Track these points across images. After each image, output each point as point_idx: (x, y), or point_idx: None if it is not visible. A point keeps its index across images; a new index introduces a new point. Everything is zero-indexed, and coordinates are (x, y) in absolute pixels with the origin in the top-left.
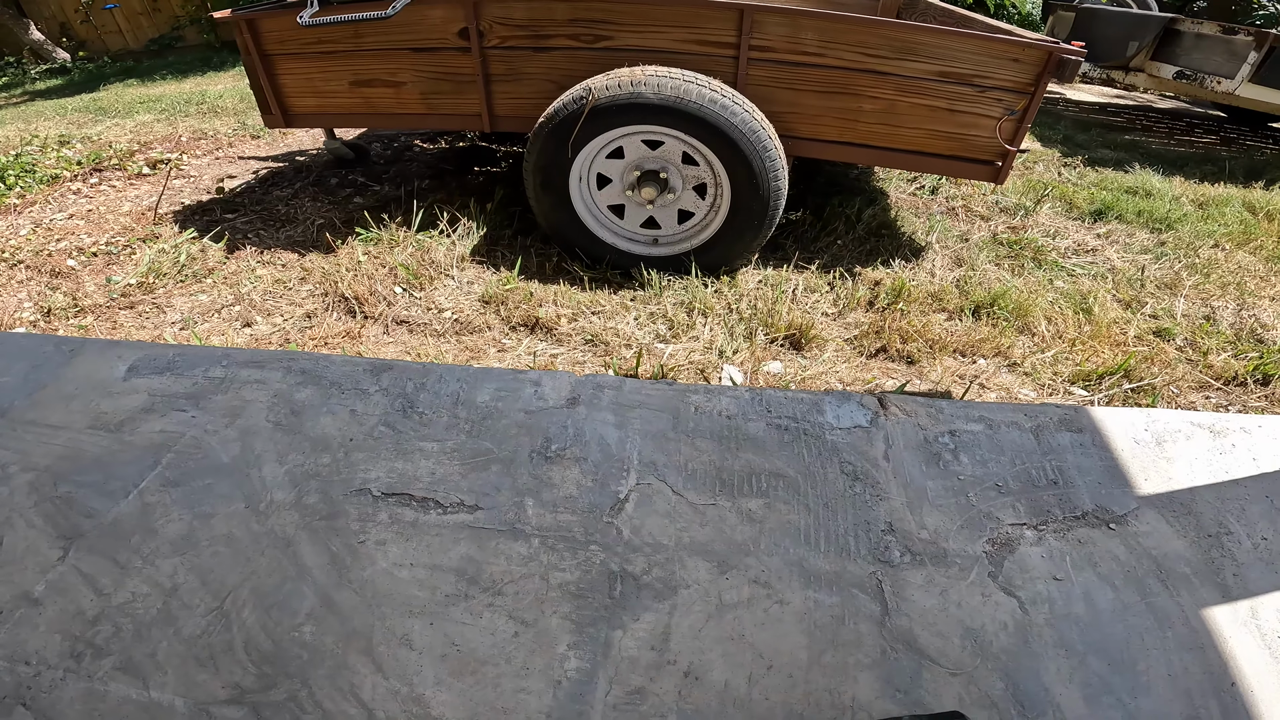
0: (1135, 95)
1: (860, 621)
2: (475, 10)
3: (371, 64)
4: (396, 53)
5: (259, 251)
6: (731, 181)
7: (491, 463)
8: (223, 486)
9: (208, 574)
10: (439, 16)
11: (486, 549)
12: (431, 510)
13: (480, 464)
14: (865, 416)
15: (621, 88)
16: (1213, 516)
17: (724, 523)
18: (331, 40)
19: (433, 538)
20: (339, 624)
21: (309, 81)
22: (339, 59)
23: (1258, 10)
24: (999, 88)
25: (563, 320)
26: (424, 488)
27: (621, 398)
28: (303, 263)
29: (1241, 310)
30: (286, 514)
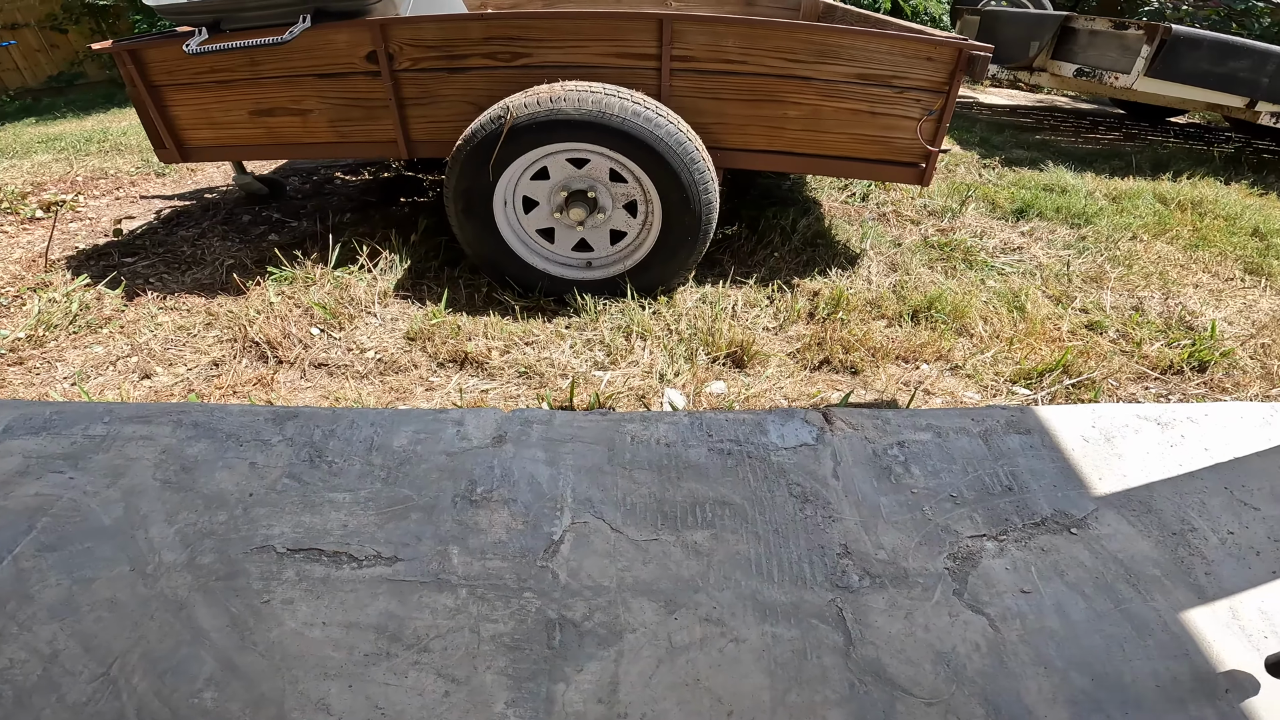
0: (1043, 96)
1: (824, 654)
2: (383, 33)
3: (273, 92)
4: (299, 79)
5: (161, 297)
6: (661, 197)
7: (411, 510)
8: (105, 549)
9: (91, 640)
10: (344, 40)
11: (409, 603)
12: (345, 565)
13: (398, 513)
14: (811, 434)
15: (541, 105)
16: (1174, 513)
17: (669, 558)
18: (226, 69)
19: (347, 594)
20: (244, 689)
21: (204, 113)
22: (236, 88)
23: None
24: (916, 88)
25: (494, 353)
26: (335, 541)
27: (552, 432)
28: (209, 307)
29: (1167, 299)
30: (178, 575)
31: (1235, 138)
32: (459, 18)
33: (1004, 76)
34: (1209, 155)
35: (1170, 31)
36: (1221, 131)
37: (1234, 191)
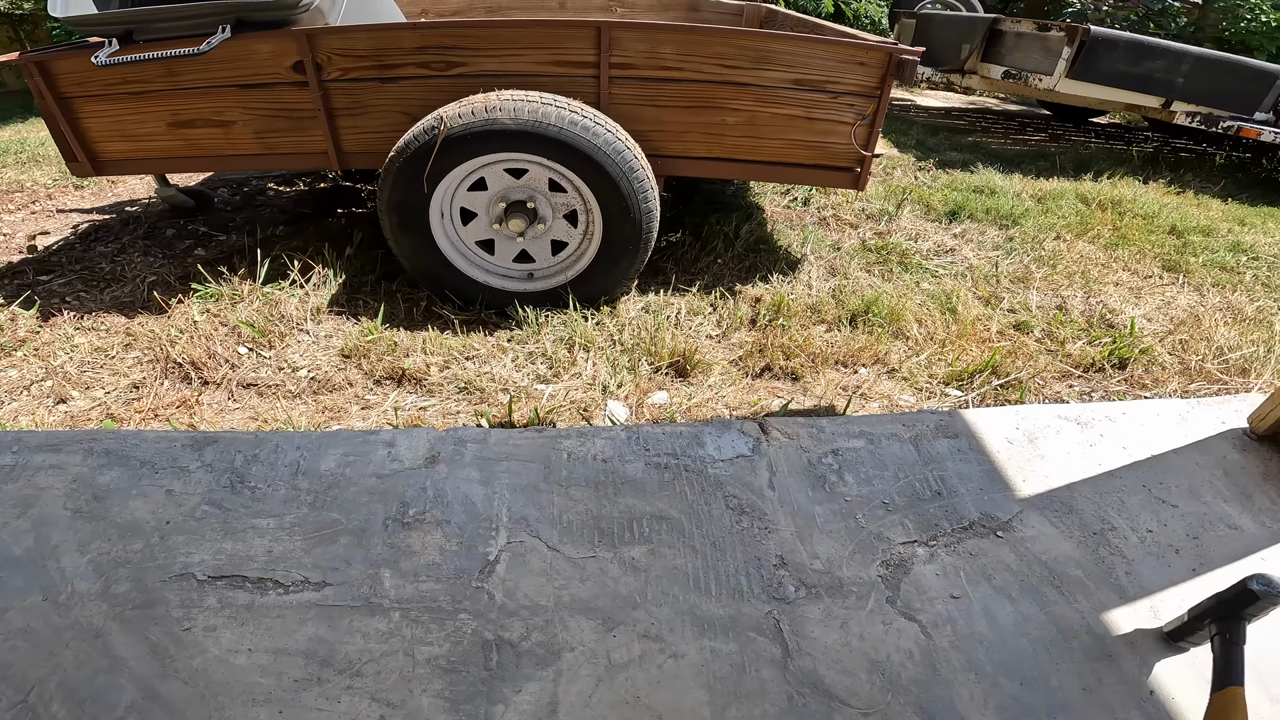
0: (975, 99)
1: (762, 667)
2: (310, 43)
3: (192, 103)
4: (221, 90)
5: (79, 317)
6: (601, 206)
7: (340, 535)
8: (16, 580)
9: (7, 668)
10: (268, 51)
11: (339, 628)
12: (270, 591)
13: (326, 537)
14: (747, 445)
15: (476, 115)
16: (1094, 513)
17: (606, 575)
18: (141, 80)
19: (274, 620)
20: (168, 716)
21: (118, 125)
22: (152, 99)
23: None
24: (850, 93)
25: (432, 369)
26: (259, 568)
27: (487, 451)
28: (129, 327)
29: (1089, 298)
30: (92, 604)
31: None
32: (391, 27)
33: (938, 79)
34: (1129, 155)
35: (1089, 33)
36: (1141, 131)
37: (1152, 190)
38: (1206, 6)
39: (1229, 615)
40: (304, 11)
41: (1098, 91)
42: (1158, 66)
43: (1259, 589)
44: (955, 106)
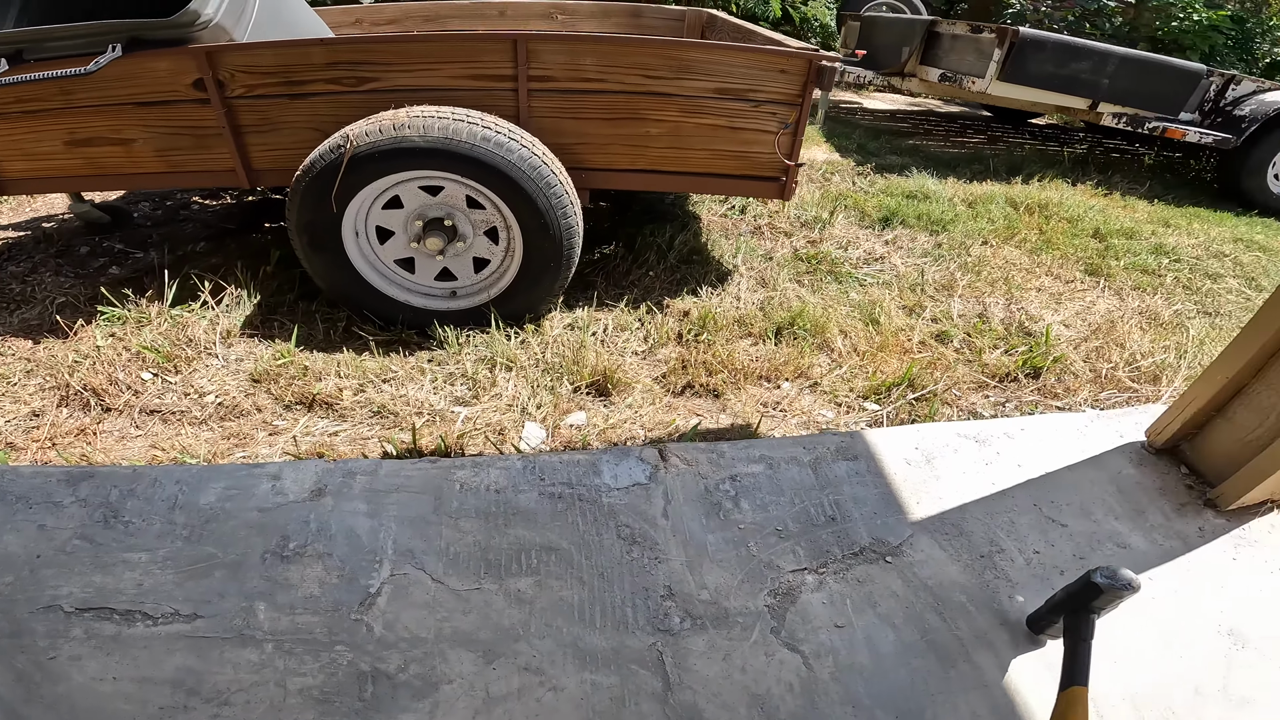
0: (920, 101)
1: (642, 700)
2: (211, 60)
3: (90, 121)
4: (118, 108)
5: None
6: (520, 223)
7: (215, 568)
8: None
9: None
10: (165, 69)
11: (209, 658)
12: (138, 623)
13: (201, 571)
14: (644, 472)
15: (384, 132)
16: (984, 534)
17: (490, 607)
18: (35, 99)
19: (140, 650)
20: None
21: (15, 144)
22: (48, 118)
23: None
24: (772, 101)
25: (345, 394)
26: (128, 600)
27: (377, 483)
28: (34, 352)
29: (1010, 305)
30: None
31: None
32: (299, 43)
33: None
34: (1060, 157)
35: (1018, 34)
36: (1076, 132)
37: (1079, 193)
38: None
39: (1078, 609)
40: (203, 29)
41: (1028, 94)
42: (1084, 68)
43: (1102, 582)
44: (900, 109)
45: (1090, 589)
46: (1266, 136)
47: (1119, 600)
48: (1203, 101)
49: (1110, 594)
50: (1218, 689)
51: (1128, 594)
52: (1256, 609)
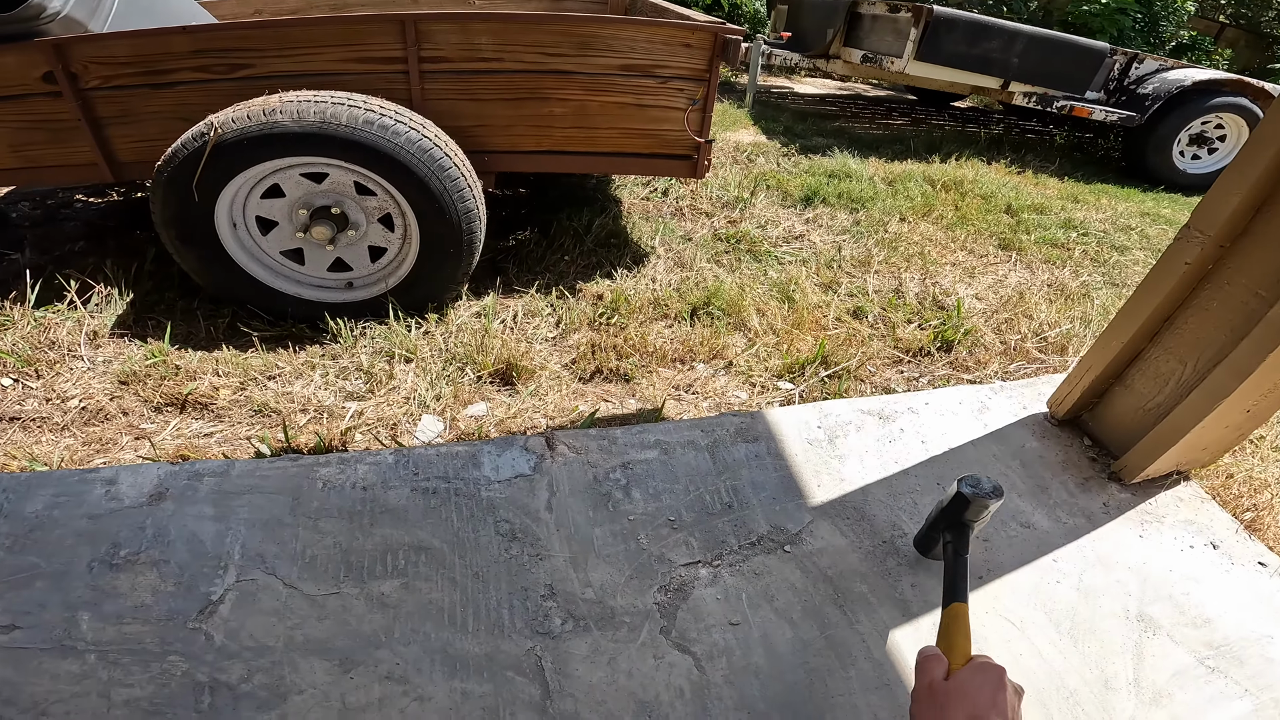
0: (849, 85)
1: (518, 710)
2: (60, 53)
3: None
4: None
5: None
6: (414, 209)
7: (36, 579)
8: None
9: None
10: (11, 63)
11: (25, 669)
12: None
13: (21, 582)
14: (528, 463)
15: (252, 119)
16: (886, 518)
17: (349, 613)
18: None
19: None
20: None
21: None
22: None
23: None
24: (678, 76)
25: (223, 392)
26: None
27: (227, 484)
28: None
29: (925, 279)
30: None
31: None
32: (158, 32)
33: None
34: (977, 137)
35: (932, 13)
36: (994, 114)
37: (994, 171)
38: None
39: (954, 524)
40: (49, 22)
41: (943, 73)
42: (994, 47)
43: (968, 491)
44: (829, 93)
45: (959, 500)
46: (1170, 114)
47: (986, 509)
48: (1107, 80)
49: (977, 503)
50: (1129, 680)
51: (992, 501)
52: (1166, 591)
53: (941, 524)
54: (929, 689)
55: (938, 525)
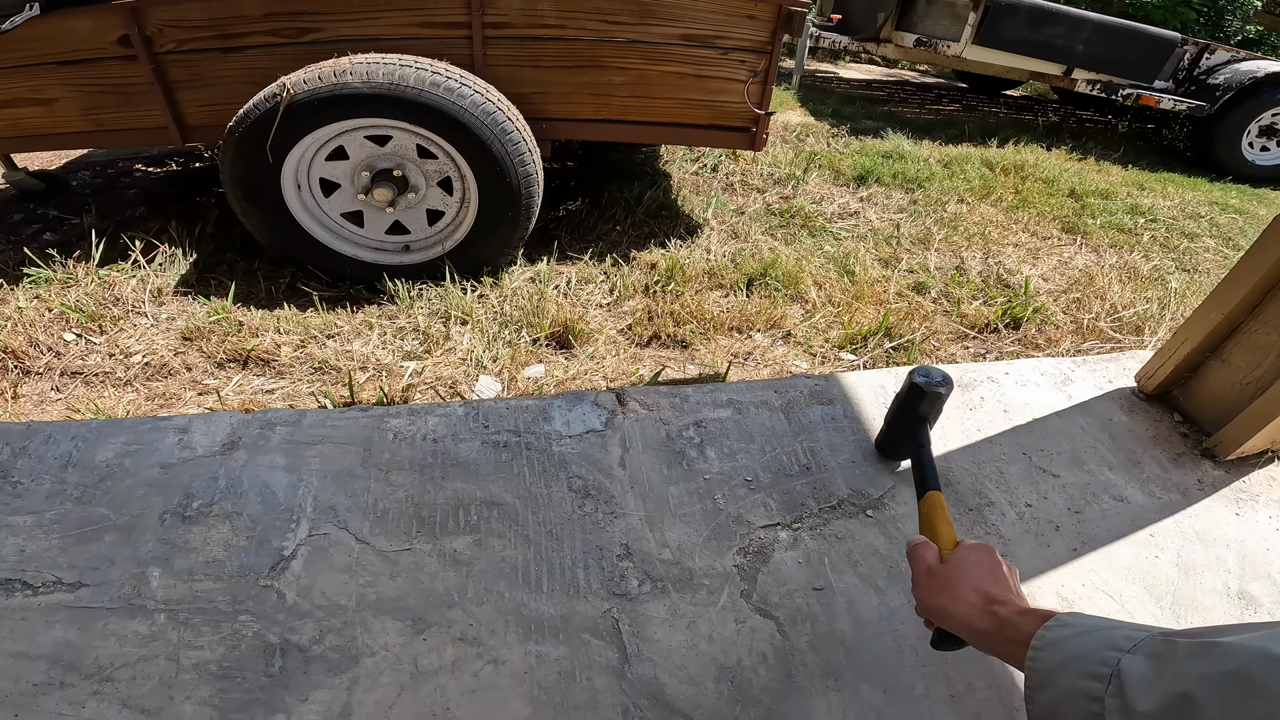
0: (895, 71)
1: (595, 675)
2: (136, 16)
3: (6, 83)
4: (37, 68)
5: None
6: (475, 172)
7: (105, 531)
8: None
9: None
10: (88, 27)
11: (91, 631)
12: (17, 593)
13: (90, 535)
14: (600, 418)
15: (323, 80)
16: (971, 485)
17: (422, 570)
18: None
19: (16, 623)
20: None
21: None
22: None
23: None
24: (739, 48)
25: (284, 349)
26: (9, 568)
27: (299, 434)
28: None
29: (988, 258)
30: None
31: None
32: None
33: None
34: (1034, 124)
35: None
36: (1050, 103)
37: (1054, 156)
38: None
39: (912, 417)
40: None
41: (1002, 58)
42: (1058, 33)
43: (920, 381)
44: (876, 79)
45: (914, 391)
46: (1240, 105)
47: (939, 400)
48: (1177, 70)
49: (931, 394)
50: None
51: (945, 390)
52: (1265, 570)
53: (901, 419)
54: (928, 574)
55: (896, 424)
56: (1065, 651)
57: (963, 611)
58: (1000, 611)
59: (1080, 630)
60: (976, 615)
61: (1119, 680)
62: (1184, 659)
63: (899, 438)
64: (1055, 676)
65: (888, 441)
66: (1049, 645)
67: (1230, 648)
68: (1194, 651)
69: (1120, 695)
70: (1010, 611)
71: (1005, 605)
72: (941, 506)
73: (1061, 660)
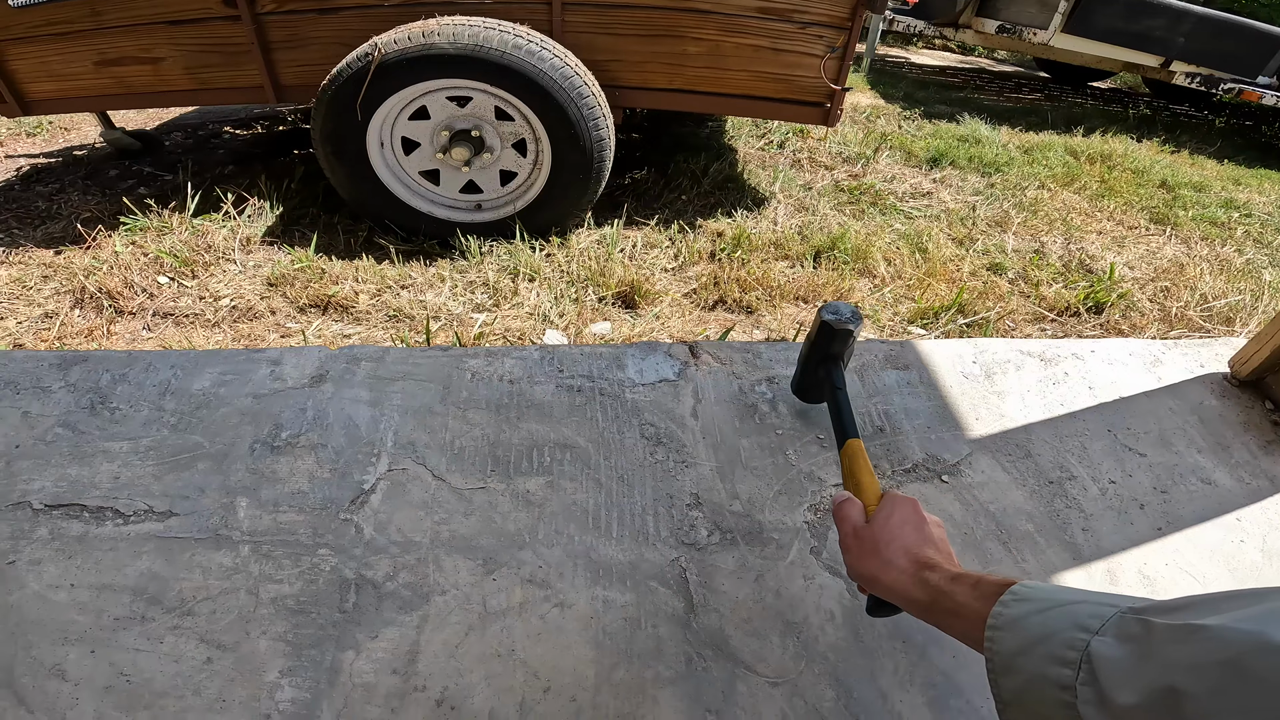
0: (972, 58)
1: (660, 623)
2: None
3: (119, 41)
4: (148, 27)
5: (6, 252)
6: (550, 134)
7: (198, 459)
8: None
9: None
10: None
11: (177, 562)
12: (108, 521)
13: (183, 462)
14: (673, 369)
15: (412, 40)
16: (1052, 459)
17: (495, 509)
18: (65, 21)
19: (105, 553)
20: None
21: (44, 65)
22: (78, 39)
23: None
24: (818, 23)
25: (362, 297)
26: (102, 495)
27: (382, 370)
28: (53, 260)
29: (1069, 244)
30: None
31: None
32: None
33: (930, 34)
34: (1124, 115)
35: None
36: (1141, 96)
37: (1145, 148)
38: None
39: (823, 356)
40: None
41: (1094, 48)
42: (1158, 24)
43: (830, 319)
44: (950, 65)
45: (825, 330)
46: None
47: (851, 338)
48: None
49: (841, 330)
50: None
51: (856, 326)
52: None
53: (813, 362)
54: (854, 536)
55: (810, 365)
56: (1027, 632)
57: (894, 580)
58: (932, 579)
59: (1040, 606)
60: (910, 583)
61: (1090, 666)
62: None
63: (812, 380)
64: (1019, 661)
65: (801, 384)
66: (1008, 624)
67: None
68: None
69: (1094, 684)
70: (942, 579)
71: (936, 570)
72: (863, 456)
73: (1023, 642)
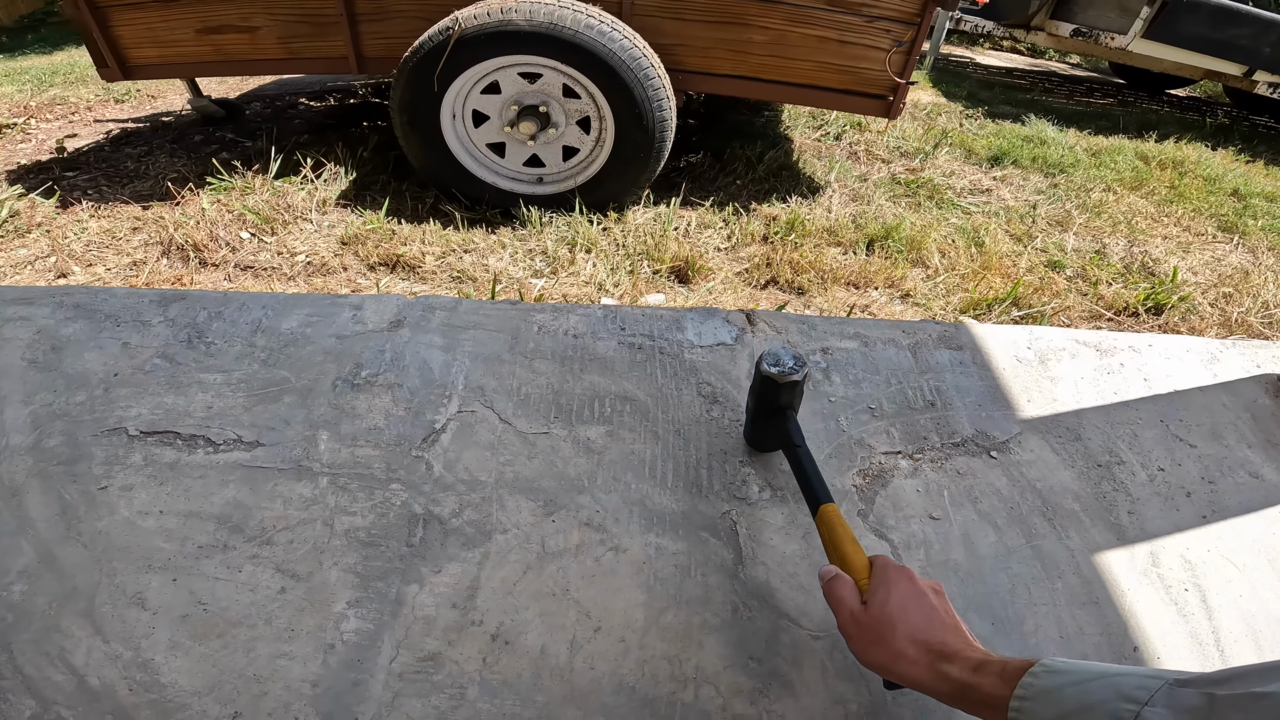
0: (1040, 61)
1: (710, 573)
2: None
3: (220, 10)
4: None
5: (96, 206)
6: (614, 113)
7: (285, 393)
8: None
9: None
10: None
11: (261, 491)
12: (199, 449)
13: (271, 395)
14: (730, 334)
15: (490, 16)
16: (1102, 443)
17: (557, 454)
18: None
19: (194, 480)
20: (56, 582)
21: (149, 31)
22: (182, 7)
23: None
24: (886, 17)
25: (428, 259)
26: (195, 424)
27: (455, 319)
28: (142, 214)
29: (1132, 246)
30: (20, 459)
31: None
32: None
33: (999, 34)
34: (1200, 123)
35: None
36: (1220, 105)
37: (1219, 156)
38: None
39: (772, 410)
40: None
41: (1174, 54)
42: (1243, 33)
43: (771, 371)
44: (1017, 67)
45: (767, 384)
46: None
47: (797, 386)
48: None
49: (785, 382)
50: None
51: (800, 374)
52: None
53: (762, 412)
54: (854, 623)
55: (760, 415)
56: (1064, 702)
57: (907, 671)
58: (953, 673)
59: (1076, 678)
60: (926, 676)
61: None
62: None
63: (763, 431)
64: None
65: (754, 434)
66: (1039, 695)
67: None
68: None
69: None
70: (964, 671)
71: (954, 661)
72: (842, 523)
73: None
